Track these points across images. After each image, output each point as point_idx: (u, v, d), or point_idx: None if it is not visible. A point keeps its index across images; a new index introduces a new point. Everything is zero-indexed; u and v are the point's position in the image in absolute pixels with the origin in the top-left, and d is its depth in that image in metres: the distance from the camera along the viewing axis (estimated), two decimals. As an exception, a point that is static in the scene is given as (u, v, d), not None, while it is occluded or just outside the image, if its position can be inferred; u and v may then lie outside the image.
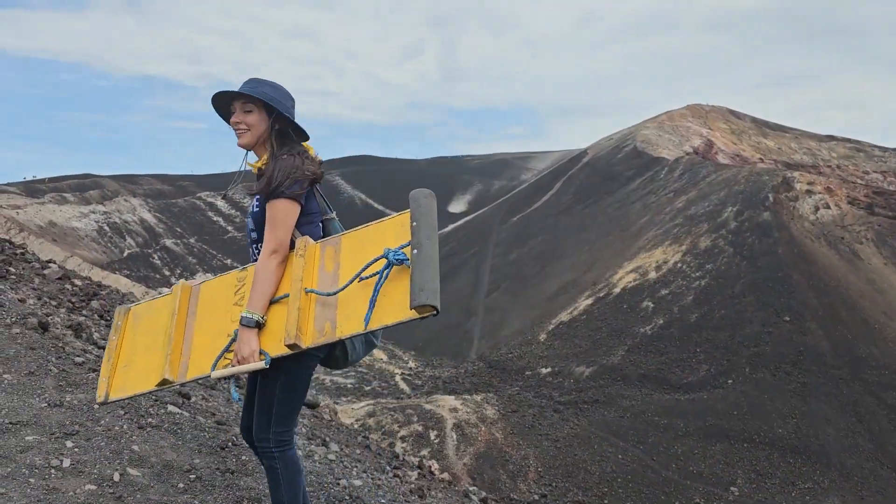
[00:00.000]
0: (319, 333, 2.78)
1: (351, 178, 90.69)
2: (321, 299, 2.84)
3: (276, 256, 2.89)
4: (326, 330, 2.77)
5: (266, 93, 3.00)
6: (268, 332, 2.85)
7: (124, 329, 3.30)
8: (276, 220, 2.90)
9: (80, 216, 55.81)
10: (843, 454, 23.97)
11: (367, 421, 24.69)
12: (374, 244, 2.87)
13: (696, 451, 24.15)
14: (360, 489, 4.71)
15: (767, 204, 39.19)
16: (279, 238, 2.89)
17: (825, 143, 70.57)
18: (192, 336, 3.06)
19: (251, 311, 2.82)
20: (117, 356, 3.22)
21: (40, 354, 4.72)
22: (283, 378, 2.92)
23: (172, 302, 3.16)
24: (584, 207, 57.66)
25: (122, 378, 3.15)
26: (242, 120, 3.01)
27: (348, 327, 2.73)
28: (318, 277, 2.91)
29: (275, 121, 3.05)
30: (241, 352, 2.79)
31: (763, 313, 30.82)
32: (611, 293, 36.33)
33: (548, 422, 25.73)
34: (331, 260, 2.94)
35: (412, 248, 2.69)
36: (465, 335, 42.24)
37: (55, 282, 8.27)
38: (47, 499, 3.06)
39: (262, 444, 2.99)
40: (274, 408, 2.95)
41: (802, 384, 26.85)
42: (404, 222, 2.87)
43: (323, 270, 2.92)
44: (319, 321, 2.80)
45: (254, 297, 2.85)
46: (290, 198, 2.90)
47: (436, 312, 2.61)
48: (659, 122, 72.07)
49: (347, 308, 2.78)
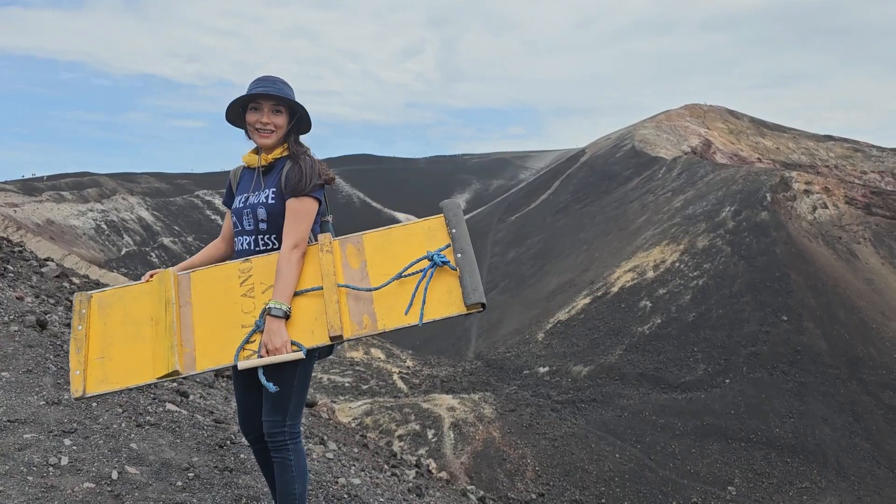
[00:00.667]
0: (359, 326, 2.92)
1: (349, 176, 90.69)
2: (353, 294, 2.98)
3: (298, 251, 2.98)
4: (366, 323, 2.92)
5: (291, 95, 3.13)
6: (295, 324, 2.92)
7: (90, 317, 3.11)
8: (301, 216, 3.01)
9: (77, 214, 55.78)
10: (841, 454, 24.01)
11: (364, 420, 24.69)
12: (404, 246, 3.06)
13: (694, 450, 24.17)
14: (358, 487, 4.71)
15: (765, 204, 39.23)
16: (302, 233, 3.00)
17: (823, 144, 70.68)
18: (193, 326, 3.00)
19: (279, 302, 2.87)
20: (87, 347, 3.04)
21: (38, 352, 4.71)
22: (300, 370, 3.00)
23: (161, 291, 3.06)
24: (582, 207, 57.70)
25: (99, 371, 2.99)
26: (272, 121, 3.10)
27: (390, 321, 2.92)
28: (344, 273, 3.04)
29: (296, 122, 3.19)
30: (272, 342, 2.82)
31: (761, 313, 30.85)
32: (608, 292, 36.36)
33: (545, 421, 25.74)
34: (355, 258, 3.07)
35: (455, 252, 2.97)
36: (462, 334, 42.26)
37: (53, 280, 8.26)
38: (45, 497, 3.06)
39: (275, 438, 2.99)
40: (292, 399, 3.00)
41: (800, 384, 26.89)
42: (433, 227, 3.08)
43: (347, 267, 3.05)
44: (356, 314, 2.94)
45: (279, 288, 2.91)
46: (315, 197, 3.05)
47: (482, 308, 2.89)
48: (657, 121, 72.14)
49: (385, 303, 2.96)
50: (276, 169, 3.13)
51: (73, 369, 2.99)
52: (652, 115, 75.76)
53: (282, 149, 3.15)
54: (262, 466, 3.31)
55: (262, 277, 3.02)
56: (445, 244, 3.01)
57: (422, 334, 44.46)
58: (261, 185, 3.16)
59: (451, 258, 2.96)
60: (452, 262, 2.94)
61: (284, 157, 3.14)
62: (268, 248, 3.11)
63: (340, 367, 30.39)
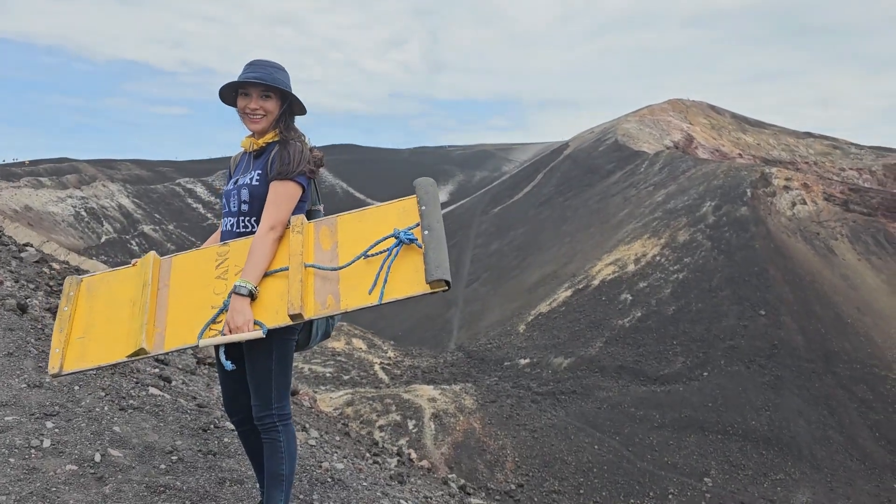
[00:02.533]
0: (322, 306, 2.89)
1: (333, 166, 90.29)
2: (321, 274, 2.95)
3: (274, 233, 2.97)
4: (329, 302, 2.89)
5: (282, 80, 3.12)
6: (260, 304, 2.91)
7: (77, 299, 3.21)
8: (281, 200, 3.01)
9: (56, 201, 55.08)
10: (815, 446, 24.38)
11: (345, 410, 24.67)
12: (377, 226, 3.01)
13: (671, 442, 24.43)
14: (342, 472, 4.73)
15: (745, 199, 39.59)
16: (281, 216, 3.00)
17: (803, 140, 71.40)
18: (167, 307, 3.04)
19: (245, 281, 2.87)
20: (70, 327, 3.13)
21: (19, 335, 4.68)
22: (275, 352, 2.99)
23: (141, 273, 3.13)
24: (564, 200, 57.89)
25: (77, 350, 3.07)
26: (261, 106, 3.11)
27: (353, 300, 2.87)
28: (315, 254, 3.01)
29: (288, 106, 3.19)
30: (233, 321, 2.82)
31: (739, 307, 31.18)
32: (590, 285, 36.56)
33: (525, 412, 25.88)
34: (327, 238, 3.05)
35: (423, 230, 2.88)
36: (444, 325, 42.33)
37: (33, 265, 8.18)
38: (28, 478, 3.05)
39: (263, 421, 3.02)
40: (273, 382, 3.00)
41: (776, 377, 27.23)
42: (407, 208, 3.03)
43: (319, 248, 3.02)
44: (321, 294, 2.91)
45: (248, 267, 2.91)
46: (299, 182, 3.04)
47: (447, 287, 2.79)
48: (640, 115, 72.47)
49: (350, 283, 2.90)
50: (267, 152, 3.15)
51: (54, 347, 3.07)
52: (635, 110, 76.07)
53: (273, 133, 3.15)
54: (247, 449, 3.33)
55: (237, 260, 3.04)
56: (416, 223, 2.94)
57: (403, 325, 44.50)
58: (250, 167, 3.19)
59: (419, 236, 2.88)
60: (420, 240, 2.87)
61: (275, 142, 3.14)
62: (248, 231, 3.12)
63: (322, 357, 30.34)
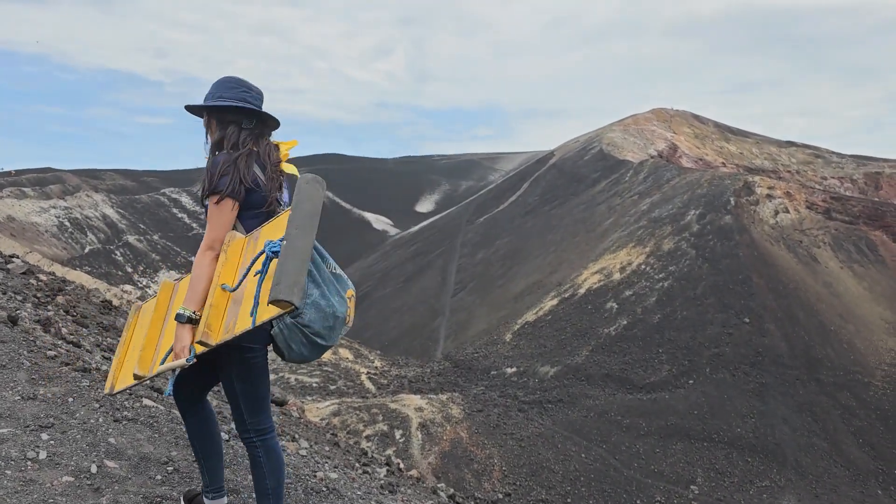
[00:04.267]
0: (225, 330, 2.73)
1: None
2: (234, 296, 2.79)
3: (211, 252, 2.89)
4: (230, 326, 2.73)
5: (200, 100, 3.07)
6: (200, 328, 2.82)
7: (133, 325, 3.37)
8: (212, 217, 2.92)
9: (39, 211, 54.59)
10: (799, 453, 24.58)
11: (332, 420, 24.60)
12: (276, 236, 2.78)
13: (658, 450, 24.54)
14: (336, 481, 4.76)
15: (729, 207, 39.95)
16: (213, 234, 2.90)
17: (785, 149, 72.17)
18: (165, 331, 3.11)
19: (184, 308, 2.81)
20: (124, 352, 3.30)
21: (11, 348, 4.69)
22: (235, 370, 2.96)
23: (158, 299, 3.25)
24: (550, 209, 58.13)
25: (125, 371, 3.23)
26: (206, 127, 3.13)
27: (241, 324, 2.69)
28: (238, 272, 2.84)
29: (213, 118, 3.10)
30: (174, 347, 2.81)
31: (723, 315, 31.42)
32: (576, 294, 36.71)
33: (512, 421, 25.91)
34: (249, 254, 2.86)
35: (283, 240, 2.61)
36: (431, 335, 42.31)
37: (20, 276, 8.16)
38: (24, 490, 3.07)
39: (243, 435, 3.10)
40: (241, 400, 3.02)
41: (760, 384, 27.45)
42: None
43: (241, 266, 2.85)
44: (230, 317, 2.75)
45: (188, 293, 2.85)
46: (220, 195, 2.90)
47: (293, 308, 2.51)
48: (624, 125, 72.99)
49: (245, 304, 2.72)
50: None
51: (111, 370, 3.34)
52: (619, 119, 76.66)
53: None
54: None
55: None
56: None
57: (390, 334, 44.45)
58: None
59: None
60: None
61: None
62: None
63: (308, 368, 30.24)
